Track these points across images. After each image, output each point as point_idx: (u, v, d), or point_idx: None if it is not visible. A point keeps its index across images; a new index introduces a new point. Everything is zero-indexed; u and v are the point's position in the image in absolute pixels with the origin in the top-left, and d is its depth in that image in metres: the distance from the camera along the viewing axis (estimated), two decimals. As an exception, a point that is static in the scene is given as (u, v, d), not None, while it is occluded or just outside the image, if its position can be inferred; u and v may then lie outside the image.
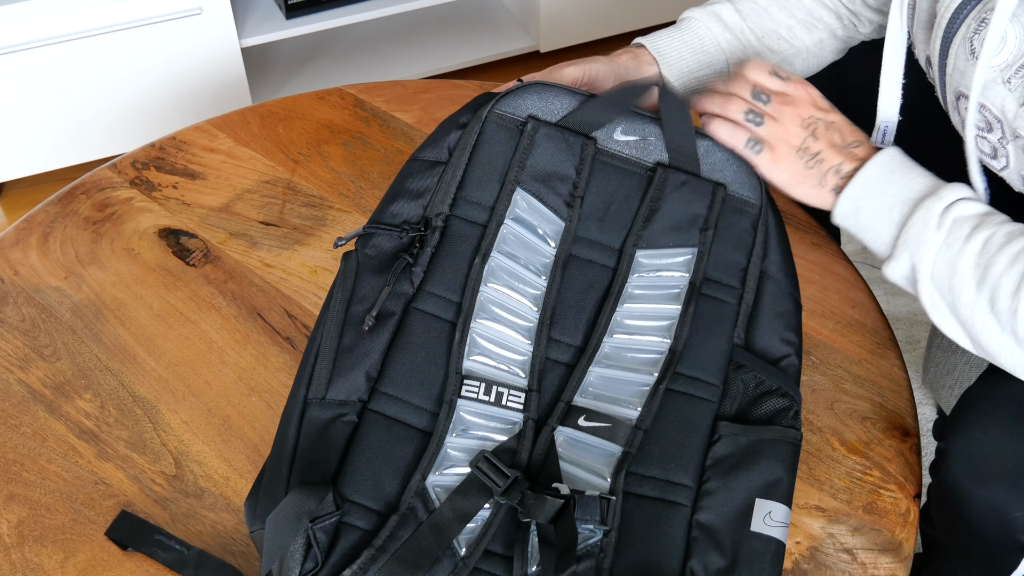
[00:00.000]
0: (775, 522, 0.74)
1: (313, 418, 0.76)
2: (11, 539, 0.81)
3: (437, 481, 0.73)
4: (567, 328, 0.81)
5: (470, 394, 0.76)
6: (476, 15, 2.22)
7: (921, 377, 1.50)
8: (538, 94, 0.86)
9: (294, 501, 0.70)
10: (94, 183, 1.13)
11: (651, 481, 0.76)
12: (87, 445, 0.88)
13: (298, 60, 2.12)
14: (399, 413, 0.76)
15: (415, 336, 0.79)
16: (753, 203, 0.85)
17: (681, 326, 0.80)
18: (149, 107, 1.87)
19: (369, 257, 0.82)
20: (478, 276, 0.80)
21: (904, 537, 0.82)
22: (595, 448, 0.76)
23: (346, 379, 0.77)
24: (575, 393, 0.78)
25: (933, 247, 0.79)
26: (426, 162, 0.85)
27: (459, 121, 0.86)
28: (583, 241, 0.83)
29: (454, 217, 0.83)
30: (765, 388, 0.80)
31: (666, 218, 0.83)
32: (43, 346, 0.96)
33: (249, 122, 1.21)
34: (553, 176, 0.84)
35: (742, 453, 0.77)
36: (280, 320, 0.99)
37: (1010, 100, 0.76)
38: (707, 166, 0.85)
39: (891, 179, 0.82)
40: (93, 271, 1.03)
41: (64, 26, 1.71)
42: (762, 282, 0.83)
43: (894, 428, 0.89)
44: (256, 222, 1.09)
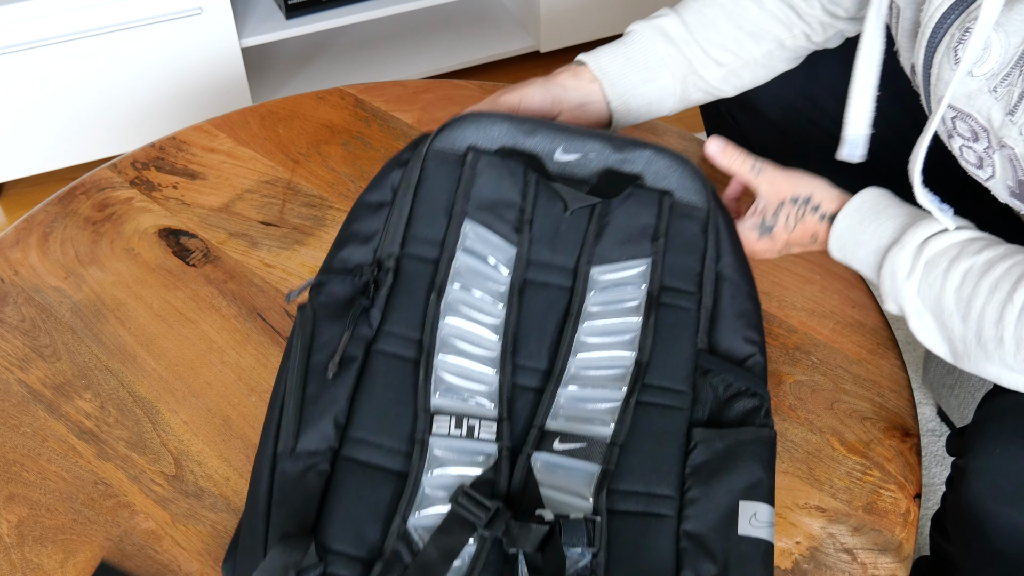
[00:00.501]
0: (761, 523, 0.74)
1: (285, 471, 0.74)
2: (11, 539, 0.81)
3: (418, 522, 0.72)
4: (531, 353, 0.80)
5: (441, 430, 0.75)
6: (476, 15, 2.22)
7: (921, 377, 1.50)
8: (475, 124, 0.85)
9: (278, 556, 0.69)
10: (94, 183, 1.13)
11: (634, 496, 0.75)
12: (87, 445, 0.88)
13: (298, 60, 2.12)
14: (372, 457, 0.75)
15: (379, 378, 0.78)
16: (700, 207, 0.84)
17: (644, 338, 0.80)
18: (149, 107, 1.87)
19: (324, 305, 0.81)
20: (435, 312, 0.79)
21: (904, 537, 0.82)
22: (573, 469, 0.75)
23: (315, 428, 0.75)
24: (547, 417, 0.77)
25: (910, 293, 0.80)
26: (371, 205, 0.85)
27: (400, 159, 0.85)
28: (537, 264, 0.83)
29: (406, 256, 0.82)
30: (734, 390, 0.79)
31: (616, 232, 0.83)
32: (43, 346, 0.96)
33: (249, 122, 1.21)
34: (499, 203, 0.83)
35: (720, 458, 0.76)
36: (280, 320, 0.99)
37: (996, 109, 0.76)
38: (651, 175, 0.85)
39: (861, 228, 0.84)
40: (93, 271, 1.03)
41: (64, 26, 1.71)
42: (719, 284, 0.83)
43: (894, 428, 0.89)
44: (256, 222, 1.09)
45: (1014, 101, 0.74)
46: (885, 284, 0.82)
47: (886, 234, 0.82)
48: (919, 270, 0.79)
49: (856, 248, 0.84)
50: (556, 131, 0.86)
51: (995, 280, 0.75)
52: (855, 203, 0.85)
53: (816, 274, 1.02)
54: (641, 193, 0.84)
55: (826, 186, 0.87)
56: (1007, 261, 0.76)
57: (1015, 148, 0.75)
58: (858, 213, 0.84)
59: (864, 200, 0.85)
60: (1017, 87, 0.74)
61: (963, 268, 0.77)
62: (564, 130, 0.86)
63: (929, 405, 1.49)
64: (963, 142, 0.81)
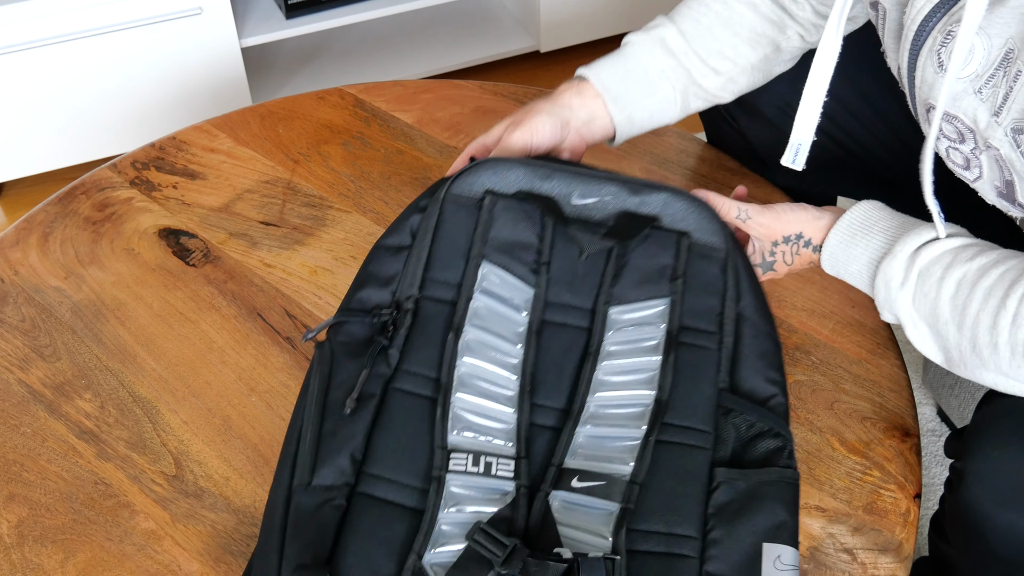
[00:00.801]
0: (785, 566, 0.73)
1: (300, 504, 0.74)
2: (11, 539, 0.81)
3: (433, 559, 0.72)
4: (549, 392, 0.80)
5: (458, 467, 0.75)
6: (476, 15, 2.22)
7: (921, 377, 1.50)
8: (492, 170, 0.86)
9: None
10: (94, 183, 1.13)
11: (655, 536, 0.74)
12: (87, 445, 0.88)
13: (298, 60, 2.12)
14: (388, 493, 0.75)
15: (397, 415, 0.78)
16: (719, 248, 0.84)
17: (664, 376, 0.79)
18: (149, 107, 1.87)
19: (343, 344, 0.81)
20: (453, 351, 0.79)
21: (904, 537, 0.82)
22: (592, 508, 0.75)
23: (331, 463, 0.75)
24: (565, 455, 0.77)
25: (906, 303, 0.80)
26: (390, 248, 0.85)
27: (419, 205, 0.86)
28: (554, 306, 0.83)
29: (424, 298, 0.82)
30: (757, 430, 0.79)
31: (634, 273, 0.83)
32: (43, 346, 0.96)
33: (249, 122, 1.21)
34: (516, 246, 0.84)
35: (743, 498, 0.75)
36: (280, 320, 0.99)
37: (982, 110, 0.76)
38: (668, 218, 0.85)
39: (852, 243, 0.84)
40: (93, 271, 1.03)
41: (64, 26, 1.71)
42: (739, 325, 0.83)
43: (894, 428, 0.89)
44: (256, 222, 1.09)
45: (999, 102, 0.74)
46: (880, 295, 0.82)
47: (877, 246, 0.83)
48: (912, 279, 0.79)
49: (848, 263, 0.84)
50: (572, 176, 0.86)
51: (988, 287, 0.75)
52: (845, 220, 0.85)
53: (816, 274, 1.02)
54: (659, 234, 0.84)
55: (811, 218, 0.88)
56: (1000, 267, 0.76)
57: (1000, 149, 0.76)
58: (849, 229, 0.84)
59: (854, 217, 0.85)
60: (1002, 88, 0.74)
61: (957, 276, 0.77)
62: (580, 175, 0.86)
63: (929, 405, 1.49)
64: (949, 144, 0.81)
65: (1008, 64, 0.73)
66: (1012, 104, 0.73)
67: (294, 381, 0.93)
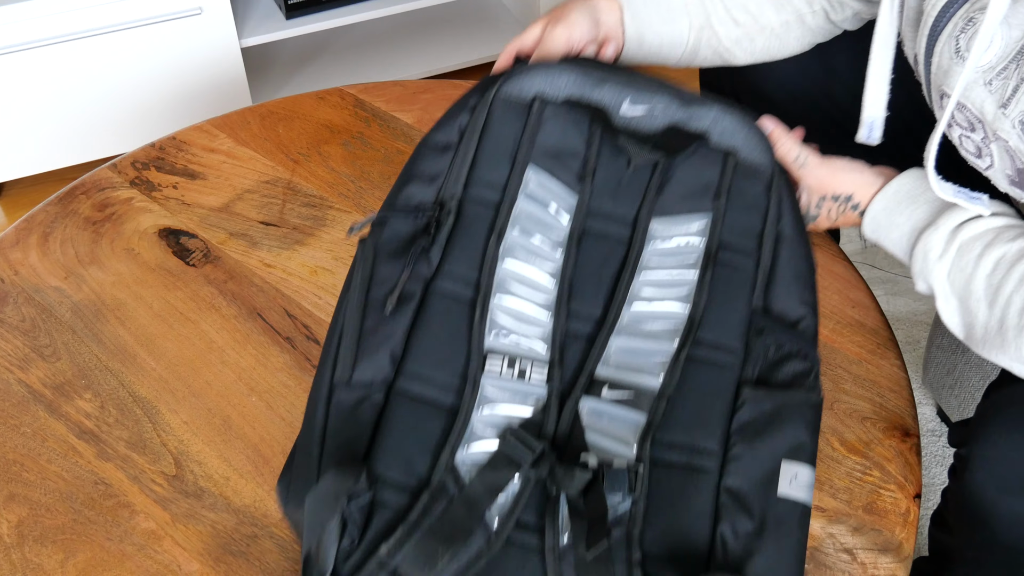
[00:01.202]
0: (800, 485, 0.75)
1: (341, 400, 0.76)
2: (11, 539, 0.81)
3: (466, 457, 0.74)
4: (586, 300, 0.81)
5: (493, 370, 0.77)
6: (476, 15, 2.21)
7: (921, 377, 1.50)
8: (543, 73, 0.86)
9: (330, 481, 0.71)
10: (94, 183, 1.13)
11: (678, 448, 0.76)
12: (87, 445, 0.88)
13: (298, 60, 2.12)
14: (424, 392, 0.77)
15: (436, 316, 0.79)
16: (764, 168, 0.85)
17: (699, 292, 0.80)
18: (149, 107, 1.87)
19: (386, 242, 0.82)
20: (494, 254, 0.81)
21: (904, 537, 0.82)
22: (619, 418, 0.76)
23: (371, 361, 0.77)
24: (597, 364, 0.78)
25: (941, 275, 0.80)
26: (437, 146, 0.86)
27: (468, 104, 0.87)
28: (597, 214, 0.84)
29: (468, 198, 0.83)
30: (785, 352, 0.80)
31: (678, 187, 0.84)
32: (43, 346, 0.96)
33: (249, 122, 1.21)
34: (563, 152, 0.84)
35: (766, 418, 0.77)
36: (280, 320, 0.99)
37: (989, 102, 0.76)
38: (716, 134, 0.86)
39: (898, 211, 0.84)
40: (93, 271, 1.03)
41: (64, 26, 1.71)
42: (778, 244, 0.84)
43: (894, 428, 0.89)
44: (256, 222, 1.09)
45: (1007, 94, 0.74)
46: (916, 264, 0.82)
47: (921, 217, 0.83)
48: (952, 253, 0.80)
49: (890, 230, 0.85)
50: (624, 83, 0.86)
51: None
52: (893, 186, 0.85)
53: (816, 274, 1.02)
54: (706, 151, 0.85)
55: (865, 183, 0.88)
56: None
57: (1008, 141, 0.76)
58: (896, 196, 0.85)
59: (902, 184, 0.85)
60: (1012, 80, 0.74)
61: (996, 255, 0.77)
62: (632, 82, 0.86)
63: (929, 405, 1.49)
64: (962, 131, 0.81)
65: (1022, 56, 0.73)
66: (1021, 96, 0.73)
67: (294, 381, 0.93)
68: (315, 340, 0.96)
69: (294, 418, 0.90)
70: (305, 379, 0.93)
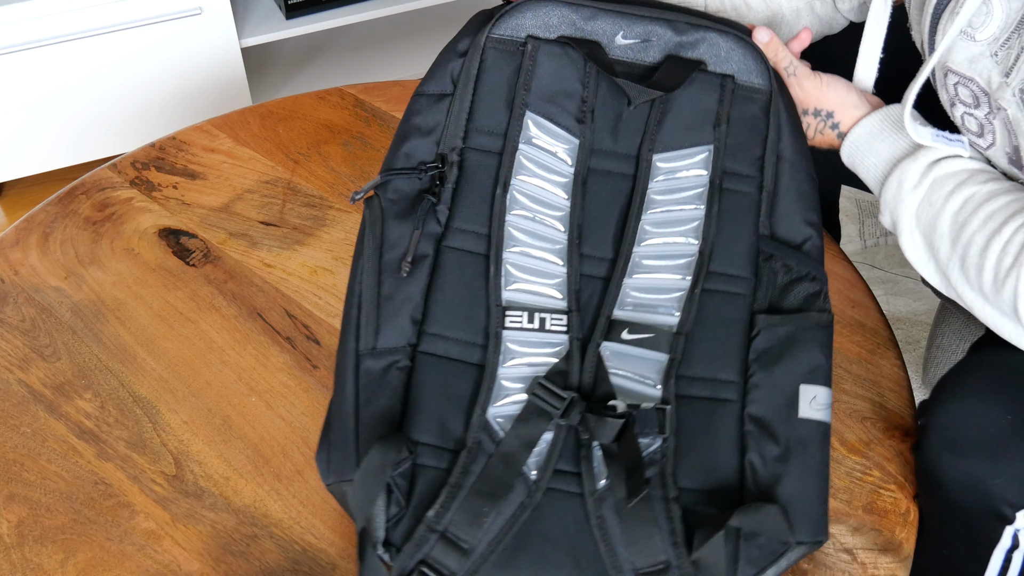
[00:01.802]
0: (820, 405, 0.77)
1: (368, 369, 0.77)
2: (11, 539, 0.81)
3: (497, 412, 0.75)
4: (597, 242, 0.81)
5: (514, 324, 0.78)
6: (476, 15, 2.22)
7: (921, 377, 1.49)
8: (533, 11, 0.85)
9: (376, 456, 0.72)
10: (94, 183, 1.13)
11: (700, 382, 0.77)
12: (87, 445, 0.88)
13: (298, 60, 2.12)
14: (449, 351, 0.78)
15: (452, 274, 0.80)
16: (762, 89, 0.85)
17: (707, 226, 0.81)
18: (149, 107, 1.87)
19: (392, 202, 0.82)
20: (502, 206, 0.81)
21: (904, 537, 0.82)
22: (642, 358, 0.77)
23: (393, 326, 0.78)
24: (614, 307, 0.79)
25: (910, 206, 0.82)
26: (431, 96, 0.85)
27: (458, 50, 0.85)
28: (599, 153, 0.83)
29: (469, 149, 0.83)
30: (794, 275, 0.81)
31: (678, 118, 0.84)
32: (43, 346, 0.96)
33: (249, 122, 1.21)
34: (560, 94, 0.84)
35: (782, 344, 0.78)
36: (280, 320, 0.99)
37: (995, 72, 0.77)
38: (712, 58, 0.85)
39: (880, 137, 0.85)
40: (93, 271, 1.03)
41: (64, 26, 1.71)
42: (779, 166, 0.84)
43: (894, 428, 0.89)
44: (256, 222, 1.09)
45: (1011, 63, 0.76)
46: (888, 193, 0.83)
47: (902, 147, 0.84)
48: (925, 185, 0.81)
49: (868, 155, 0.86)
50: (616, 15, 0.86)
51: (991, 211, 0.77)
52: (879, 114, 0.86)
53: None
54: (703, 77, 0.85)
55: (850, 104, 0.88)
56: (1009, 195, 0.78)
57: (1008, 109, 0.77)
58: (881, 124, 0.86)
59: (888, 114, 0.86)
60: (1015, 49, 0.75)
61: (966, 194, 0.79)
62: (624, 14, 0.86)
63: (929, 405, 1.49)
64: (965, 109, 0.82)
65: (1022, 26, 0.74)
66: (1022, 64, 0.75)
67: (294, 381, 0.93)
68: (315, 340, 0.96)
69: (294, 418, 0.90)
70: (305, 379, 0.93)
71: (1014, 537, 0.79)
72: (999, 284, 0.76)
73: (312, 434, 0.89)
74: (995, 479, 0.77)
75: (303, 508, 0.83)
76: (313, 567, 0.80)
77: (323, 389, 0.92)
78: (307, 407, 0.91)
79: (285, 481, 0.85)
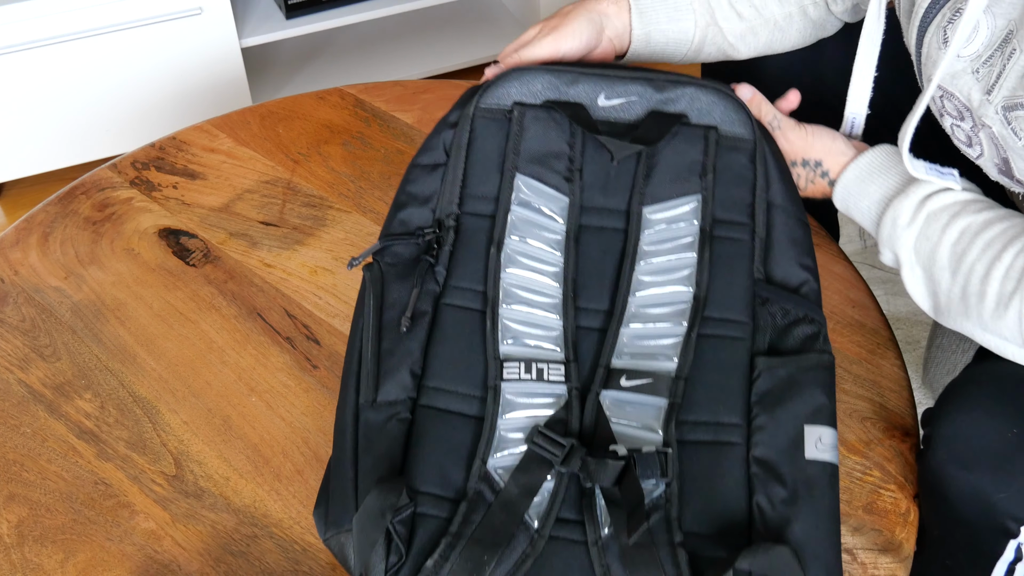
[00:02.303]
0: (825, 446, 0.76)
1: (368, 420, 0.78)
2: (11, 539, 0.81)
3: (497, 463, 0.75)
4: (592, 295, 0.82)
5: (511, 375, 0.78)
6: (476, 15, 2.22)
7: (921, 377, 1.49)
8: (518, 80, 0.88)
9: (375, 499, 0.71)
10: (94, 183, 1.13)
11: (703, 426, 0.77)
12: (87, 445, 0.88)
13: (298, 60, 2.12)
14: (449, 404, 0.78)
15: (450, 329, 0.81)
16: (746, 139, 0.86)
17: (700, 272, 0.82)
18: (149, 107, 1.87)
19: (391, 265, 0.84)
20: (496, 264, 0.82)
21: (904, 537, 0.82)
22: (641, 405, 0.78)
23: (393, 380, 0.79)
24: (612, 355, 0.80)
25: (907, 243, 0.82)
26: (426, 167, 0.88)
27: (449, 121, 0.88)
28: (590, 210, 0.85)
29: (464, 214, 0.85)
30: (792, 318, 0.81)
31: (665, 171, 0.85)
32: (43, 346, 0.96)
33: (249, 122, 1.21)
34: (548, 155, 0.86)
35: (783, 385, 0.78)
36: (280, 320, 0.99)
37: (976, 89, 0.78)
38: (695, 113, 0.87)
39: (870, 179, 0.86)
40: (93, 271, 1.03)
41: (64, 26, 1.71)
42: (770, 212, 0.85)
43: (894, 428, 0.89)
44: (256, 222, 1.09)
45: (992, 81, 0.76)
46: (884, 231, 0.84)
47: (892, 186, 0.85)
48: (920, 221, 0.81)
49: (861, 198, 0.87)
50: (598, 78, 0.88)
51: (989, 239, 0.77)
52: (866, 157, 0.87)
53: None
54: (687, 131, 0.86)
55: (837, 151, 0.89)
56: (1004, 222, 0.78)
57: (992, 127, 0.77)
58: (869, 167, 0.86)
59: (875, 156, 0.87)
60: (996, 67, 0.75)
61: (962, 225, 0.79)
62: (605, 77, 0.88)
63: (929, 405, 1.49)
64: (952, 121, 0.83)
65: (1006, 44, 0.75)
66: (1004, 82, 0.75)
67: (294, 381, 0.93)
68: (315, 340, 0.97)
69: (294, 418, 0.90)
70: (305, 379, 0.93)
71: (1017, 550, 0.79)
72: (1002, 309, 0.76)
73: (312, 434, 0.89)
74: (1000, 493, 0.77)
75: (303, 508, 0.83)
76: (313, 567, 0.80)
77: (323, 389, 0.92)
78: (307, 407, 0.91)
79: (285, 481, 0.85)
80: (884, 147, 0.88)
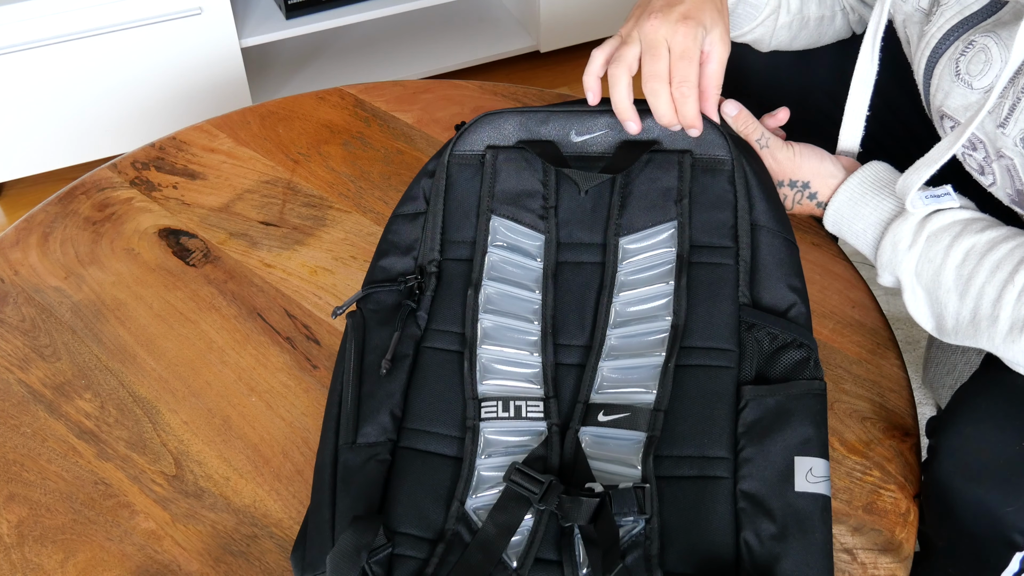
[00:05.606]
0: (817, 478, 0.74)
1: (347, 462, 0.78)
2: (11, 539, 0.81)
3: (476, 504, 0.75)
4: (571, 331, 0.82)
5: (490, 415, 0.78)
6: (476, 15, 2.22)
7: (921, 377, 1.50)
8: (489, 124, 0.89)
9: (350, 538, 0.71)
10: (94, 183, 1.13)
11: (687, 460, 0.75)
12: (87, 445, 0.88)
13: (298, 60, 2.12)
14: (428, 444, 0.78)
15: (430, 372, 0.81)
16: (724, 159, 0.84)
17: (678, 301, 0.80)
18: (149, 107, 1.87)
19: (373, 312, 0.85)
20: (474, 306, 0.82)
21: (904, 537, 0.82)
22: (620, 440, 0.76)
23: (373, 421, 0.79)
24: (591, 391, 0.79)
25: (909, 266, 0.81)
26: (407, 216, 0.89)
27: (428, 170, 0.89)
28: (568, 246, 0.85)
29: (446, 260, 0.86)
30: (780, 343, 0.79)
31: (639, 200, 0.84)
32: (43, 346, 0.96)
33: (249, 122, 1.21)
34: (522, 194, 0.86)
35: (772, 415, 0.76)
36: (280, 320, 0.99)
37: (988, 121, 0.77)
38: (668, 137, 0.86)
39: (863, 201, 0.85)
40: (93, 271, 1.03)
41: (64, 26, 1.71)
42: (755, 234, 0.83)
43: (894, 428, 0.89)
44: (256, 222, 1.09)
45: (1004, 114, 0.75)
46: (884, 255, 0.83)
47: (888, 208, 0.83)
48: (921, 243, 0.80)
49: (855, 220, 0.85)
50: (568, 115, 0.88)
51: (997, 260, 0.76)
52: (857, 178, 0.86)
53: (816, 274, 1.02)
54: (660, 157, 0.85)
55: (825, 173, 0.88)
56: (1010, 242, 0.77)
57: (1015, 160, 0.76)
58: (860, 187, 0.85)
59: (866, 176, 0.86)
60: (1008, 99, 0.74)
61: (966, 246, 0.78)
62: (574, 113, 0.88)
63: (929, 405, 1.49)
64: (964, 150, 0.82)
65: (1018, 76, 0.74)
66: (1019, 115, 0.74)
67: (294, 381, 0.93)
68: (315, 340, 0.97)
69: (294, 418, 0.90)
70: (305, 379, 0.93)
71: (1022, 562, 0.79)
72: (1016, 333, 0.75)
73: (312, 434, 0.89)
74: (1007, 507, 0.76)
75: (303, 508, 0.83)
76: (313, 567, 0.80)
77: (323, 389, 0.92)
78: (307, 407, 0.91)
79: (285, 481, 0.85)
80: (875, 165, 0.86)
